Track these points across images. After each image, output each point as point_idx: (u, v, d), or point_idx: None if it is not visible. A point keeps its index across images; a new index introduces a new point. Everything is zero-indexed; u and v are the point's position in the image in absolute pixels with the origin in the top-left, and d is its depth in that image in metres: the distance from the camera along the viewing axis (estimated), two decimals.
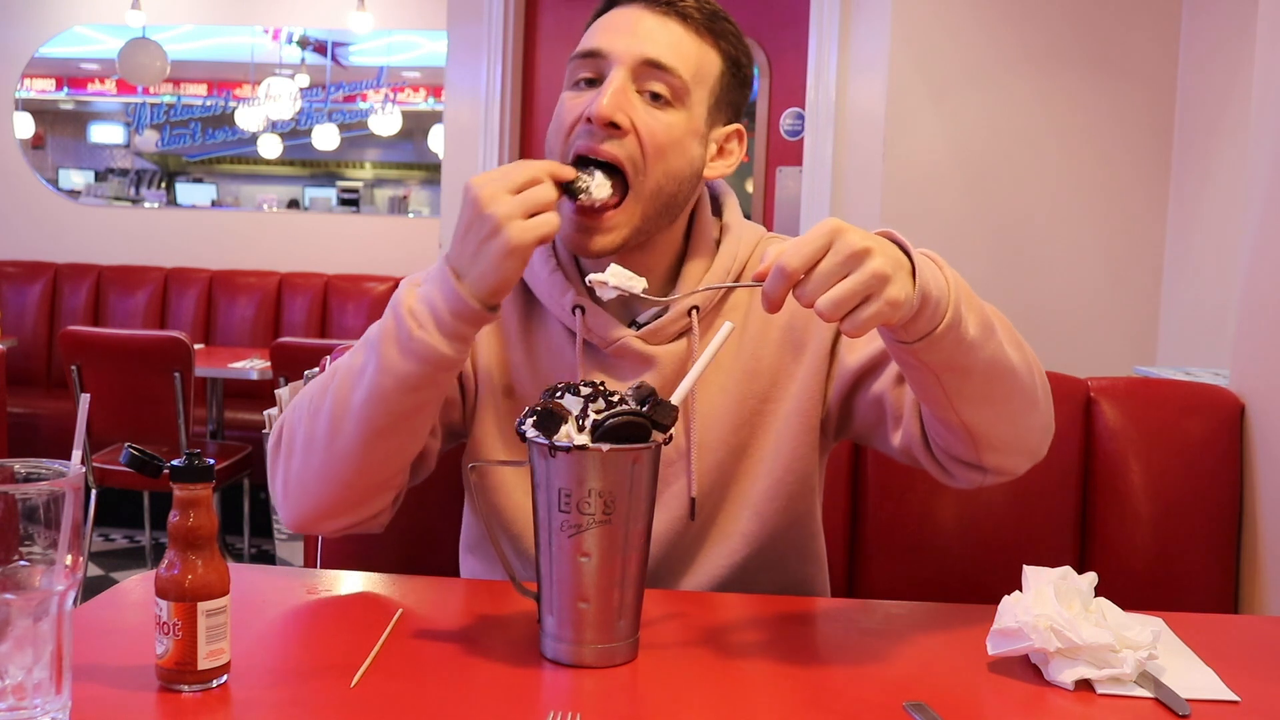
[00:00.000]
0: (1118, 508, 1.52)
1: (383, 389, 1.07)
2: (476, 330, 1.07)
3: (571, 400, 0.95)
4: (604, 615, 0.95)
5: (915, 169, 3.17)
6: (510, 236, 1.02)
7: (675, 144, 1.15)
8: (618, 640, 0.96)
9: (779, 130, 3.54)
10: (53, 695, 0.81)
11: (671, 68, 1.13)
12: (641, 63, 1.13)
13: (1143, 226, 3.19)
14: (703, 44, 1.16)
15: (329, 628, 1.07)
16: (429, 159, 6.30)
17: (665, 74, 1.13)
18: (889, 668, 1.02)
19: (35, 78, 5.98)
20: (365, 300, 5.17)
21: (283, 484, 1.16)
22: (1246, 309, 1.61)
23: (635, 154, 1.13)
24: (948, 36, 3.16)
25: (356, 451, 1.10)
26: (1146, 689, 0.93)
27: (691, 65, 1.15)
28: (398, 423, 1.09)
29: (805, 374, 1.22)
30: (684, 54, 1.15)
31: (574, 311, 1.20)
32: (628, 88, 1.13)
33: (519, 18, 3.73)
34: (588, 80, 1.15)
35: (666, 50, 1.14)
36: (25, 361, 5.08)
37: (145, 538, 4.31)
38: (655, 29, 1.14)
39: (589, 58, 1.15)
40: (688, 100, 1.15)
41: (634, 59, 1.13)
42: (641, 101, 1.13)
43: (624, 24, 1.15)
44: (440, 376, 1.08)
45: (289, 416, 1.17)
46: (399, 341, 1.06)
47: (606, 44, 1.14)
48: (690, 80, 1.15)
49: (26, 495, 0.78)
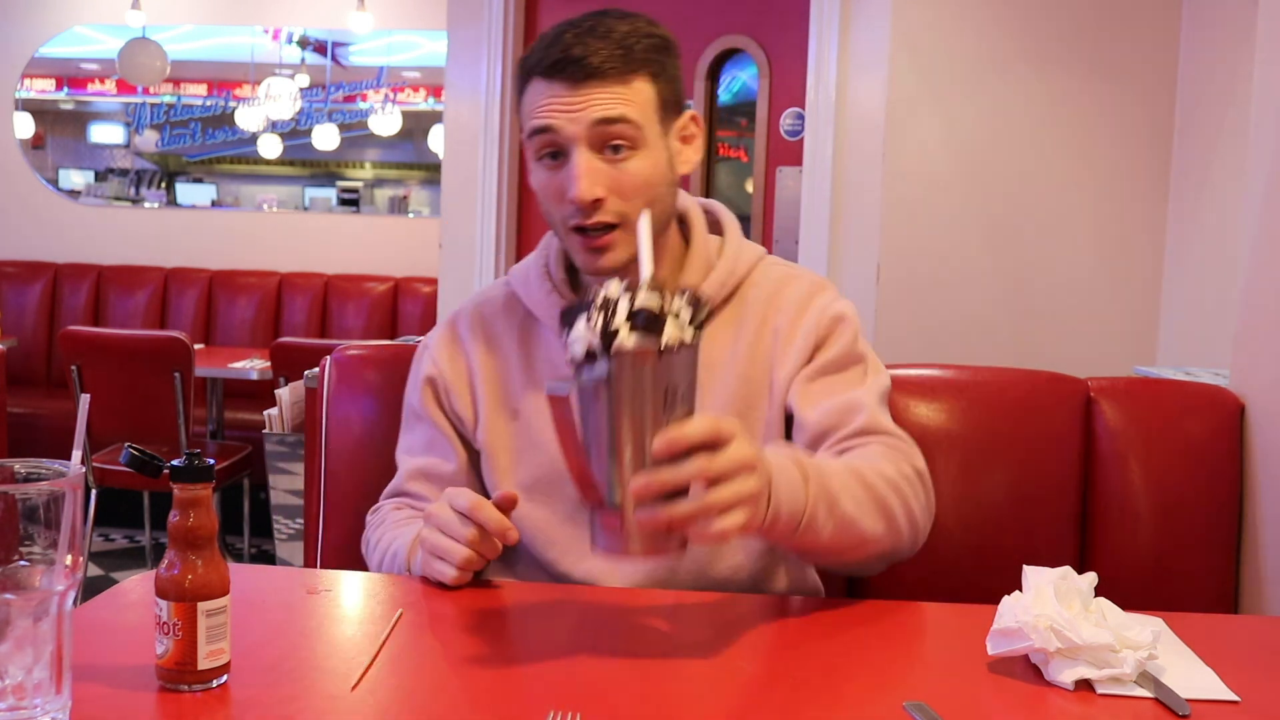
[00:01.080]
0: (1118, 508, 1.52)
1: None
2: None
3: (648, 298, 0.93)
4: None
5: (915, 169, 3.17)
6: (419, 559, 1.17)
7: (649, 182, 1.21)
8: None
9: (779, 130, 3.54)
10: (53, 695, 0.81)
11: (620, 116, 1.18)
12: (592, 125, 1.18)
13: (1142, 226, 3.19)
14: (632, 86, 1.20)
15: (329, 628, 1.07)
16: (429, 159, 6.30)
17: (618, 125, 1.18)
18: (889, 668, 1.02)
19: (35, 78, 5.97)
20: (365, 300, 5.17)
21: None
22: (1246, 309, 1.61)
23: (620, 207, 1.20)
24: (948, 36, 3.16)
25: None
26: (1146, 689, 0.93)
27: (635, 105, 1.19)
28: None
29: (783, 380, 1.28)
30: (625, 99, 1.19)
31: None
32: (593, 161, 1.18)
33: (519, 18, 3.73)
34: (551, 155, 1.21)
35: (609, 109, 1.18)
36: (25, 361, 5.08)
37: (145, 538, 4.30)
38: (589, 99, 1.18)
39: (544, 134, 1.20)
40: (644, 137, 1.20)
41: (584, 128, 1.18)
42: (606, 161, 1.19)
43: (559, 104, 1.19)
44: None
45: (368, 529, 1.36)
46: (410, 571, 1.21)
47: (554, 121, 1.19)
48: (640, 118, 1.20)
49: (26, 495, 0.78)
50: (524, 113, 1.24)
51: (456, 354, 1.34)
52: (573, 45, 1.18)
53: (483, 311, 1.37)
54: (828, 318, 1.29)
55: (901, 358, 1.31)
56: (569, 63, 1.18)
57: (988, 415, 1.54)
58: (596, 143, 1.18)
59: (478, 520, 1.11)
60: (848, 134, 3.28)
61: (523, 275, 1.36)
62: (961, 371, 1.58)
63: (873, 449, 1.21)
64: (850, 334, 1.30)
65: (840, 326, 1.29)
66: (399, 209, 6.60)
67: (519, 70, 1.25)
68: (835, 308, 1.30)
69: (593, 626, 1.09)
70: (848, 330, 1.30)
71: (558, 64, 1.18)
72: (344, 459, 1.52)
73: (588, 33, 1.19)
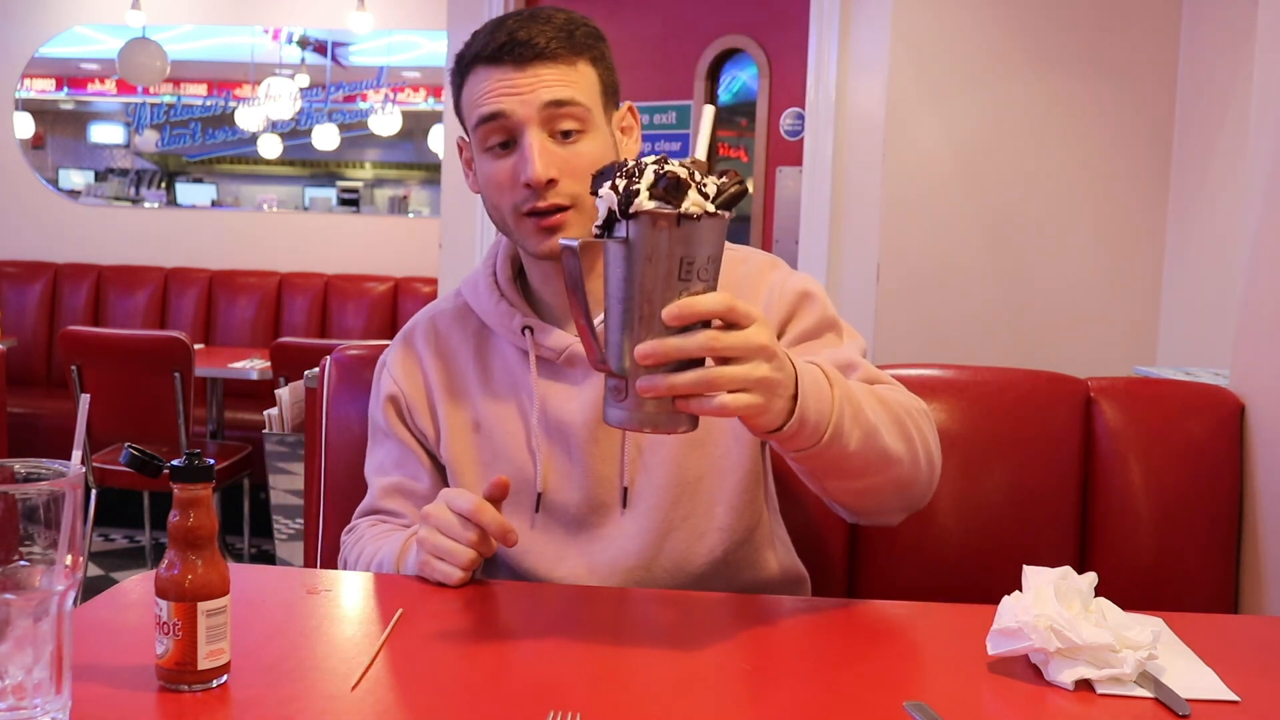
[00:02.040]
0: (1118, 508, 1.52)
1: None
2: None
3: (676, 167, 0.93)
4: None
5: (915, 169, 3.17)
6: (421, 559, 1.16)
7: (599, 162, 1.18)
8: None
9: (779, 130, 3.54)
10: (53, 695, 0.81)
11: (570, 99, 1.20)
12: (543, 107, 1.19)
13: (1143, 226, 3.19)
14: (577, 69, 1.22)
15: (329, 628, 1.07)
16: (429, 159, 6.30)
17: (569, 107, 1.20)
18: (889, 668, 1.02)
19: (35, 78, 5.97)
20: (365, 300, 5.17)
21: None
22: (1246, 309, 1.61)
23: (573, 189, 1.20)
24: (948, 36, 3.16)
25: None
26: (1146, 689, 0.93)
27: (582, 87, 1.22)
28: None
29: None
30: (572, 86, 1.21)
31: (523, 332, 1.27)
32: (545, 142, 1.20)
33: None
34: (501, 144, 1.22)
35: (558, 85, 1.20)
36: (25, 361, 5.08)
37: (145, 538, 4.31)
38: (537, 81, 1.19)
39: (492, 120, 1.21)
40: (593, 120, 1.22)
41: (536, 109, 1.19)
42: (558, 144, 1.21)
43: (507, 88, 1.20)
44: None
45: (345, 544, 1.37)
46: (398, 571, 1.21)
47: (504, 105, 1.20)
48: (587, 100, 1.22)
49: (26, 495, 0.78)
50: (467, 104, 1.24)
51: (413, 370, 1.34)
52: (517, 30, 1.20)
53: (436, 324, 1.36)
54: (789, 295, 1.27)
55: (901, 358, 1.30)
56: (516, 45, 1.19)
57: (988, 415, 1.54)
58: (547, 124, 1.20)
59: (479, 523, 1.11)
60: (848, 134, 3.29)
61: (472, 285, 1.35)
62: (961, 371, 1.58)
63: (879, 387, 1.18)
64: (818, 307, 1.28)
65: (806, 302, 1.27)
66: (399, 209, 6.60)
67: (457, 65, 1.26)
68: (793, 284, 1.28)
69: (592, 626, 1.09)
70: (814, 304, 1.27)
71: (504, 47, 1.19)
72: (344, 459, 1.52)
73: (529, 19, 1.21)
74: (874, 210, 3.18)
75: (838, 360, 1.21)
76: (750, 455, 1.26)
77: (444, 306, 1.38)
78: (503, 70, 1.20)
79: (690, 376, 0.92)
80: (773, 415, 0.97)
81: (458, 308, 1.36)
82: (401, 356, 1.35)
